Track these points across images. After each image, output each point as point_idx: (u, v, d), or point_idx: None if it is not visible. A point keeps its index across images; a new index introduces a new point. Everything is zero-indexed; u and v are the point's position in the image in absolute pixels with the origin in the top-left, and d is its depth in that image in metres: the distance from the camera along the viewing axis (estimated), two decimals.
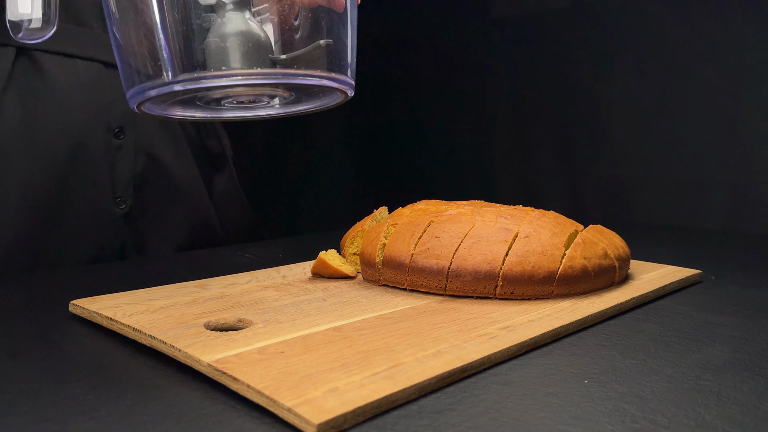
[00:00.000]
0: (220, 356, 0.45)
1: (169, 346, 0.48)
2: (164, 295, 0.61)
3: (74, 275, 0.77)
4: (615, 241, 0.70)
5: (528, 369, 0.47)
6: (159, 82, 0.46)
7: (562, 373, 0.46)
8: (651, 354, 0.50)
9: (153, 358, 0.49)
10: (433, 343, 0.49)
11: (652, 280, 0.69)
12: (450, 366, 0.44)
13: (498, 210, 0.69)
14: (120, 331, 0.53)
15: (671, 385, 0.44)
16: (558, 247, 0.63)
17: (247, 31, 0.47)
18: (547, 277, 0.61)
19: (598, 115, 1.49)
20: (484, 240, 0.63)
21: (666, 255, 0.87)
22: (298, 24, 0.49)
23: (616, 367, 0.47)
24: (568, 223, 0.68)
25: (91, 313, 0.56)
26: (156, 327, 0.51)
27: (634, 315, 0.60)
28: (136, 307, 0.57)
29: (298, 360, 0.45)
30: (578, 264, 0.62)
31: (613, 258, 0.66)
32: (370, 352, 0.47)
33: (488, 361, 0.47)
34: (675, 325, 0.57)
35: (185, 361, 0.46)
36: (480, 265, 0.61)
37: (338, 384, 0.41)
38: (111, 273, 0.78)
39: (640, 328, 0.56)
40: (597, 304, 0.60)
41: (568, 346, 0.52)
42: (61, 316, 0.59)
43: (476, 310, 0.58)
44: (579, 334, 0.55)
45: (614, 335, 0.54)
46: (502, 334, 0.51)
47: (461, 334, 0.51)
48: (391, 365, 0.44)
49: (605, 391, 0.43)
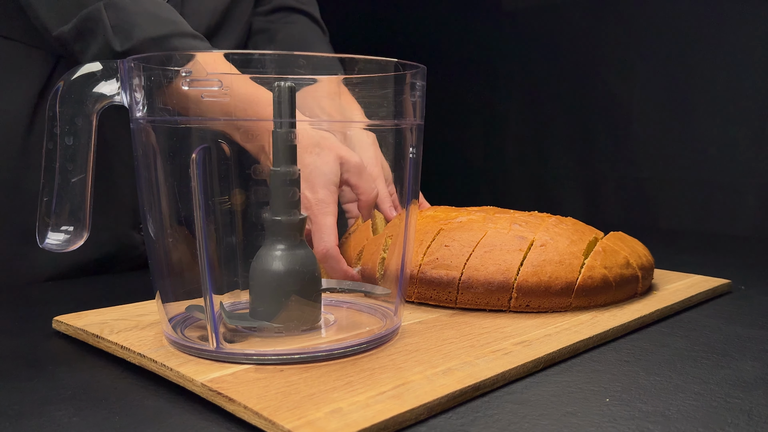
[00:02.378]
0: (214, 375, 0.45)
1: (160, 365, 0.48)
2: (154, 310, 0.62)
3: (57, 289, 0.78)
4: (637, 249, 0.70)
5: (545, 387, 0.47)
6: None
7: (581, 391, 0.46)
8: (677, 370, 0.50)
9: (143, 378, 0.49)
10: (443, 359, 0.49)
11: (678, 290, 0.69)
12: (461, 384, 0.44)
13: (512, 216, 0.69)
14: (107, 349, 0.53)
15: (699, 404, 0.44)
16: (576, 255, 0.63)
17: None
18: (565, 288, 0.61)
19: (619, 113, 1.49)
20: (497, 249, 0.63)
21: (692, 264, 0.87)
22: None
23: (640, 385, 0.47)
24: (587, 230, 0.68)
25: (76, 330, 0.57)
26: (146, 345, 0.52)
27: (658, 328, 0.60)
28: (124, 323, 0.58)
29: (299, 379, 0.45)
30: (598, 274, 0.62)
31: (635, 267, 0.66)
32: (376, 369, 0.47)
33: (502, 378, 0.47)
34: (702, 339, 0.57)
35: (177, 381, 0.46)
36: (493, 276, 0.61)
37: (342, 404, 0.41)
38: (97, 286, 0.79)
39: (665, 343, 0.56)
40: (619, 316, 0.60)
41: (587, 362, 0.52)
42: (43, 333, 0.59)
43: (489, 324, 0.58)
44: (599, 349, 0.55)
45: (637, 350, 0.54)
46: (517, 350, 0.51)
47: (473, 350, 0.51)
48: (399, 384, 0.44)
49: (628, 410, 0.43)
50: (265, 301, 0.51)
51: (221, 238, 0.52)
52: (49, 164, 0.52)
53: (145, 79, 0.49)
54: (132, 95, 0.50)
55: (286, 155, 0.50)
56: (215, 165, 0.50)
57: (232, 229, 0.52)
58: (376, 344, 0.52)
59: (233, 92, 0.48)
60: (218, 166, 0.50)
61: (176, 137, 0.51)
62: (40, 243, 0.52)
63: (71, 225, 0.53)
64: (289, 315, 0.51)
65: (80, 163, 0.52)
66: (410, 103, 0.54)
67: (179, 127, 0.50)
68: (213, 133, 0.50)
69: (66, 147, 0.52)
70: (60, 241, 0.53)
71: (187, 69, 0.47)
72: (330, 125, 0.63)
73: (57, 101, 0.51)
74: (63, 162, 0.52)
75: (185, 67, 0.47)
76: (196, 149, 0.48)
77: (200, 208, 0.47)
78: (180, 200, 0.51)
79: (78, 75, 0.52)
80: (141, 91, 0.50)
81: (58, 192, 0.52)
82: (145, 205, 0.53)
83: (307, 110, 0.56)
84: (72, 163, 0.52)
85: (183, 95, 0.48)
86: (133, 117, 0.51)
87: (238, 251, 0.54)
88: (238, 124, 0.50)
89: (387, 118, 0.56)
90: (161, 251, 0.52)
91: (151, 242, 0.53)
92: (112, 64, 0.52)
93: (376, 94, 0.55)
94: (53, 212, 0.52)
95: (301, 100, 0.51)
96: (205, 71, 0.47)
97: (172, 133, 0.50)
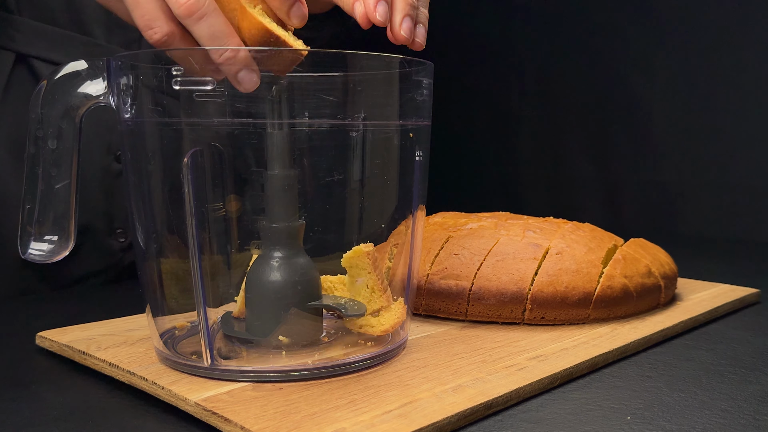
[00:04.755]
0: (209, 394, 0.45)
1: (150, 383, 0.48)
2: (144, 325, 0.62)
3: (41, 302, 0.78)
4: (660, 256, 0.70)
5: (562, 404, 0.47)
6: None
7: (601, 409, 0.46)
8: (702, 386, 0.50)
9: (133, 397, 0.49)
10: (452, 376, 0.49)
11: (703, 301, 0.69)
12: (472, 402, 0.44)
13: (525, 223, 0.69)
14: (94, 366, 0.53)
15: (726, 421, 0.44)
16: (594, 264, 0.63)
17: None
18: (583, 299, 0.61)
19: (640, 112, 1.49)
20: (509, 257, 0.63)
21: (718, 272, 0.87)
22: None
23: (663, 402, 0.47)
24: (605, 236, 0.69)
25: (62, 347, 0.57)
26: (136, 361, 0.52)
27: (682, 341, 0.60)
28: (112, 338, 0.58)
29: (299, 397, 0.45)
30: (618, 284, 0.63)
31: (657, 276, 0.66)
32: (381, 387, 0.47)
33: (516, 395, 0.47)
34: (729, 353, 0.57)
35: (170, 401, 0.46)
36: (505, 287, 0.61)
37: (345, 424, 0.41)
38: (83, 299, 0.79)
39: (690, 357, 0.56)
40: (640, 329, 0.60)
41: (607, 377, 0.52)
42: (26, 350, 0.59)
43: (502, 337, 0.58)
44: (620, 363, 0.55)
45: (660, 365, 0.54)
46: (531, 365, 0.51)
47: (485, 366, 0.51)
48: (406, 402, 0.44)
49: (651, 428, 0.43)
50: (263, 315, 0.51)
51: (215, 246, 0.52)
52: (31, 170, 0.52)
53: (133, 78, 0.49)
54: (120, 96, 0.50)
55: (282, 158, 0.50)
56: (209, 169, 0.50)
57: (227, 237, 0.52)
58: (382, 360, 0.52)
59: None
60: (212, 171, 0.50)
61: (167, 140, 0.51)
62: (23, 254, 0.52)
63: (55, 234, 0.53)
64: (288, 329, 0.51)
65: (65, 168, 0.52)
66: (416, 102, 0.54)
67: (170, 129, 0.50)
68: (206, 135, 0.50)
69: (49, 151, 0.52)
70: (44, 251, 0.53)
71: (179, 67, 0.47)
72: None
73: (39, 102, 0.51)
74: (46, 167, 0.52)
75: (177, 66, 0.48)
76: (187, 152, 0.48)
77: (192, 215, 0.48)
78: (171, 207, 0.52)
79: (61, 74, 0.52)
80: (130, 91, 0.50)
81: (41, 199, 0.52)
82: (134, 213, 0.53)
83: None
84: (56, 168, 0.52)
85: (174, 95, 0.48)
86: (121, 119, 0.51)
87: (233, 261, 0.54)
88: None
89: (391, 119, 0.56)
90: (152, 261, 0.52)
91: (141, 252, 0.53)
92: (98, 62, 0.52)
93: (380, 93, 0.55)
94: (36, 221, 0.52)
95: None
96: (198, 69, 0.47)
97: (163, 135, 0.51)
